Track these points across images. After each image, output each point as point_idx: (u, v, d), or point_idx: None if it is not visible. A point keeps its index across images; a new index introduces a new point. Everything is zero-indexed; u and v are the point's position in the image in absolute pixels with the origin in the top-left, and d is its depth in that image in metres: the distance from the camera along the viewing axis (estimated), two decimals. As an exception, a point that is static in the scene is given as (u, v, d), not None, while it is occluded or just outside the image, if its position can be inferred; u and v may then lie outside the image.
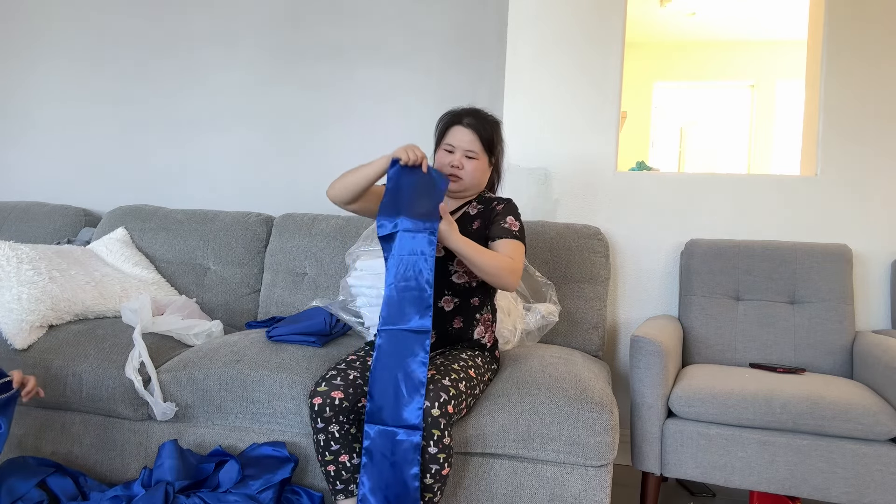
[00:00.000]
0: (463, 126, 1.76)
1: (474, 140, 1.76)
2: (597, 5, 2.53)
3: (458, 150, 1.76)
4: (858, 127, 2.38)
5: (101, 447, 1.90)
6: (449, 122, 1.80)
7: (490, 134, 1.77)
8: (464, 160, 1.76)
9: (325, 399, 1.58)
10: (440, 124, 1.83)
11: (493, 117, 1.82)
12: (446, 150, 1.78)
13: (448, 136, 1.79)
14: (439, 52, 2.85)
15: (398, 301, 1.57)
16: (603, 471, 1.65)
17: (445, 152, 1.79)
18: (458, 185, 1.79)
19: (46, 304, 2.01)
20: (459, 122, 1.77)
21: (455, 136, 1.77)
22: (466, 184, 1.79)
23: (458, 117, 1.78)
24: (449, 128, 1.79)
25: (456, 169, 1.76)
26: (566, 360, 1.90)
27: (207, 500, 1.64)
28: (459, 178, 1.77)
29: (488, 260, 1.64)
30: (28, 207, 2.83)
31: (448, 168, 1.77)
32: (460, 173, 1.77)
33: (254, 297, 2.52)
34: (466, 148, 1.76)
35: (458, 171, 1.76)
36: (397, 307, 1.57)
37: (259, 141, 3.00)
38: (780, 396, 1.79)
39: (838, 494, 1.76)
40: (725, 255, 2.32)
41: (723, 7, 4.95)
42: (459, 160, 1.76)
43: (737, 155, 5.92)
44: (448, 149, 1.78)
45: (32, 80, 3.19)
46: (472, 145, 1.76)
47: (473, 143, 1.76)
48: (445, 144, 1.79)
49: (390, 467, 1.49)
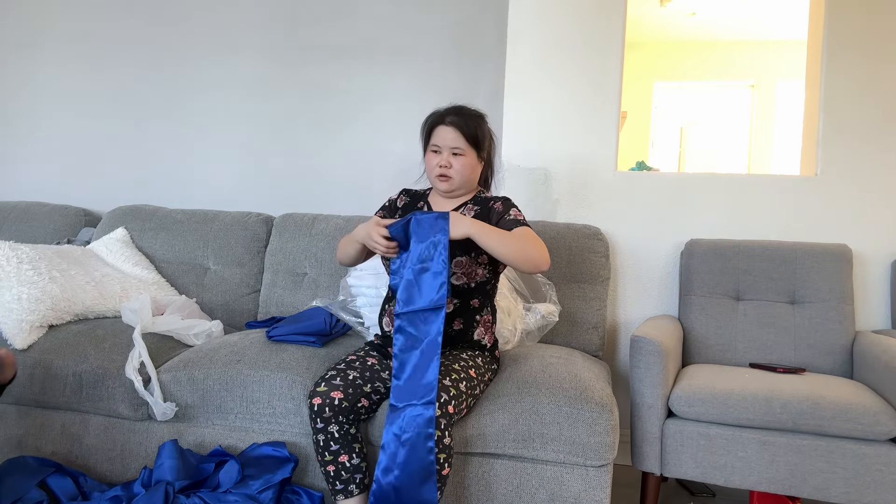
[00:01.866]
0: (446, 125, 1.76)
1: (458, 137, 1.75)
2: (597, 5, 2.53)
3: (443, 149, 1.77)
4: (859, 127, 2.38)
5: (100, 447, 1.90)
6: (433, 123, 1.80)
7: (474, 129, 1.77)
8: (451, 158, 1.76)
9: (325, 399, 1.58)
10: (425, 126, 1.83)
11: (476, 111, 1.82)
12: (433, 150, 1.79)
13: (433, 137, 1.79)
14: (439, 53, 2.85)
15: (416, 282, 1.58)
16: (603, 471, 1.65)
17: (433, 154, 1.79)
18: (449, 184, 1.79)
19: (46, 304, 2.01)
20: (442, 122, 1.77)
21: (439, 135, 1.77)
22: (457, 182, 1.79)
23: (440, 117, 1.78)
24: (433, 129, 1.79)
25: (444, 168, 1.76)
26: (566, 360, 1.90)
27: (207, 500, 1.64)
28: (449, 178, 1.78)
29: (511, 238, 1.62)
30: (28, 207, 2.83)
31: (436, 169, 1.77)
32: (449, 172, 1.77)
33: (254, 297, 2.52)
34: (452, 146, 1.76)
35: (446, 170, 1.77)
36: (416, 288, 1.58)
37: (259, 141, 3.00)
38: (780, 396, 1.79)
39: (838, 494, 1.76)
40: (725, 255, 2.32)
41: (723, 7, 4.95)
42: (447, 160, 1.76)
43: (737, 155, 5.92)
44: (434, 149, 1.79)
45: (33, 81, 3.19)
46: (456, 142, 1.76)
47: (458, 139, 1.75)
48: (432, 146, 1.79)
49: (411, 446, 1.48)
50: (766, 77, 5.69)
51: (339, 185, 2.92)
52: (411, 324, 1.57)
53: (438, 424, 1.48)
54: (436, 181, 1.81)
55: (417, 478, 1.47)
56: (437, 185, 1.82)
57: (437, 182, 1.81)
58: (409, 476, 1.47)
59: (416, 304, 1.57)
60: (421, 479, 1.47)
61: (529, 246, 1.62)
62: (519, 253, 1.60)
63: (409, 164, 2.16)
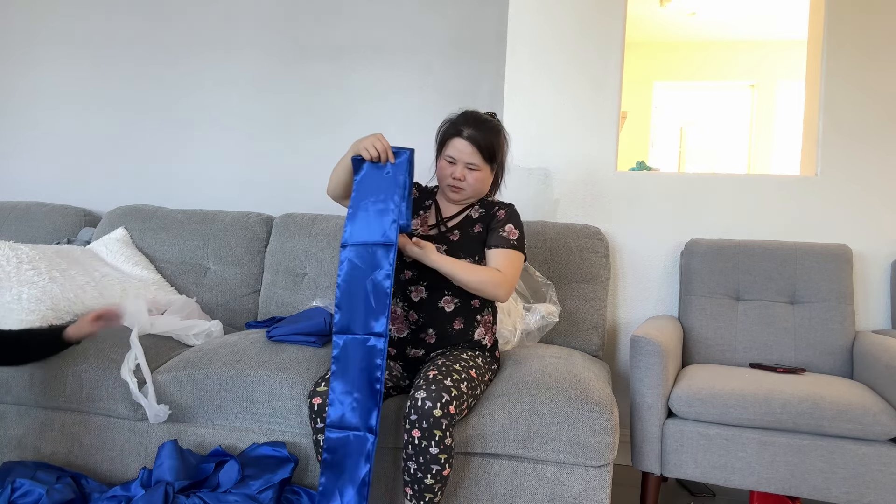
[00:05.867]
0: (463, 139, 1.74)
1: (475, 153, 1.74)
2: (597, 5, 2.53)
3: (459, 162, 1.76)
4: (859, 127, 2.38)
5: (100, 447, 1.90)
6: (449, 133, 1.78)
7: (491, 143, 1.76)
8: (466, 172, 1.76)
9: (325, 399, 1.58)
10: (440, 133, 1.81)
11: (493, 124, 1.79)
12: (448, 160, 1.78)
13: (448, 147, 1.77)
14: (439, 53, 2.85)
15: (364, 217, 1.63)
16: (603, 471, 1.65)
17: (447, 163, 1.78)
18: (461, 195, 1.80)
19: (46, 304, 2.00)
20: (459, 135, 1.75)
21: (456, 147, 1.75)
22: (469, 194, 1.80)
23: (458, 129, 1.76)
24: (449, 138, 1.77)
25: (457, 181, 1.77)
26: (566, 360, 1.90)
27: (207, 500, 1.64)
28: (462, 190, 1.78)
29: (471, 275, 1.68)
30: (28, 207, 2.83)
31: (449, 179, 1.77)
32: (462, 184, 1.77)
33: (254, 297, 2.52)
34: (467, 161, 1.75)
35: (459, 183, 1.77)
36: (364, 223, 1.62)
37: (259, 141, 3.00)
38: (780, 396, 1.79)
39: (838, 494, 1.76)
40: (725, 255, 2.32)
41: (723, 7, 4.96)
42: (462, 173, 1.76)
43: (737, 155, 5.92)
44: (449, 160, 1.77)
45: (33, 80, 3.19)
46: (472, 157, 1.75)
47: (474, 155, 1.75)
48: (446, 156, 1.78)
49: (359, 372, 1.56)
50: (766, 77, 5.69)
51: (339, 185, 2.91)
52: (358, 256, 1.61)
53: (440, 425, 1.49)
54: (447, 190, 1.81)
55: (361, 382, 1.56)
56: (448, 194, 1.82)
57: (448, 192, 1.81)
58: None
59: (365, 238, 1.61)
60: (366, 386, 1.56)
61: (487, 288, 1.70)
62: (475, 290, 1.71)
63: (409, 164, 2.15)
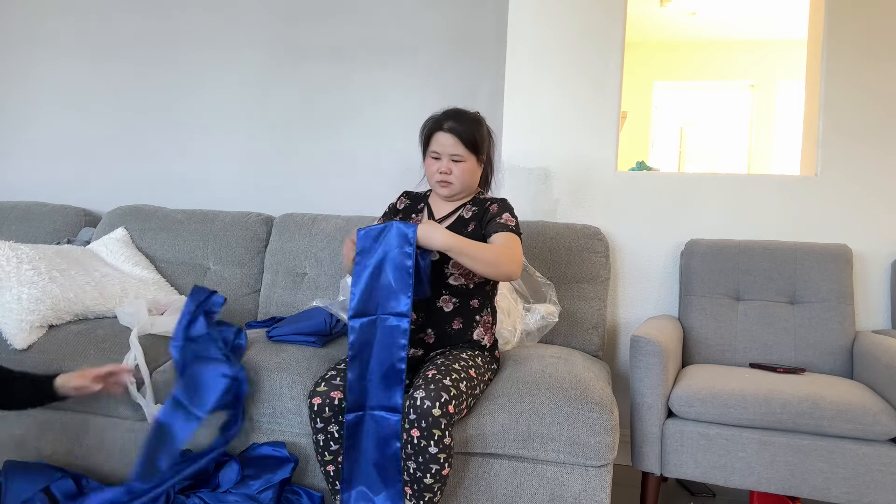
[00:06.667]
0: (444, 131, 1.76)
1: (457, 143, 1.76)
2: (597, 5, 2.53)
3: (443, 156, 1.78)
4: (858, 127, 2.37)
5: (101, 447, 1.90)
6: (431, 130, 1.80)
7: (472, 134, 1.77)
8: (451, 165, 1.77)
9: (325, 399, 1.58)
10: (423, 132, 1.83)
11: (473, 115, 1.82)
12: (433, 157, 1.80)
13: (432, 143, 1.79)
14: (439, 53, 2.85)
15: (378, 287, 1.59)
16: (603, 471, 1.65)
17: (432, 160, 1.80)
18: (450, 189, 1.80)
19: (46, 304, 2.01)
20: (440, 128, 1.77)
21: (438, 142, 1.78)
22: (458, 187, 1.80)
23: (438, 123, 1.78)
24: (431, 135, 1.80)
25: (445, 175, 1.78)
26: (566, 360, 1.90)
27: (207, 500, 1.64)
28: (450, 184, 1.79)
29: (485, 250, 1.65)
30: (28, 207, 2.83)
31: (437, 175, 1.78)
32: (449, 178, 1.78)
33: (254, 297, 2.52)
34: (451, 153, 1.77)
35: (447, 176, 1.78)
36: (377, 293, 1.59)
37: (259, 141, 3.00)
38: (780, 396, 1.79)
39: (838, 494, 1.76)
40: (725, 255, 2.32)
41: (723, 7, 4.95)
42: (447, 166, 1.77)
43: (737, 155, 5.92)
44: (434, 156, 1.79)
45: (32, 80, 3.19)
46: (455, 149, 1.76)
47: (457, 146, 1.76)
48: (431, 152, 1.80)
49: (381, 350, 1.57)
50: (766, 77, 5.69)
51: (340, 184, 2.92)
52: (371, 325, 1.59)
53: (439, 424, 1.49)
54: (436, 186, 1.82)
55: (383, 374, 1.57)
56: (437, 190, 1.83)
57: (437, 188, 1.82)
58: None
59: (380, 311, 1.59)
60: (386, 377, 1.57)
61: (502, 262, 1.65)
62: (489, 269, 1.64)
63: (410, 163, 2.16)
